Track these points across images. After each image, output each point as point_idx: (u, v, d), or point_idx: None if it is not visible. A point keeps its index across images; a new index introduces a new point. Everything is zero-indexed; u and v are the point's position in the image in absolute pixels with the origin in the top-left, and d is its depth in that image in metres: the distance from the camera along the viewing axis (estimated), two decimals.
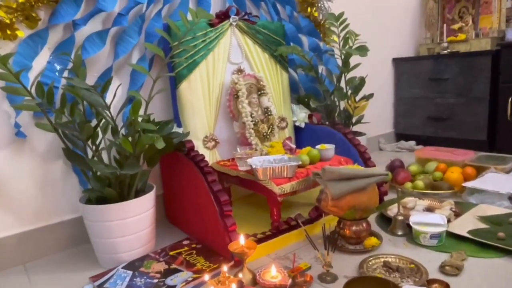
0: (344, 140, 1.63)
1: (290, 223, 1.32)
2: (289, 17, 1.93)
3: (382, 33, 2.52)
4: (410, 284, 0.99)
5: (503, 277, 1.02)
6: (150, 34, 1.48)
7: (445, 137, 2.51)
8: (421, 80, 2.57)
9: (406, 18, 2.72)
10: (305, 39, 1.99)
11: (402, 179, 1.76)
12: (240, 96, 1.54)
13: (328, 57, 2.07)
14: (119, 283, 1.08)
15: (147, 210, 1.25)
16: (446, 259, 1.10)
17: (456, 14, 2.62)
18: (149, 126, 1.12)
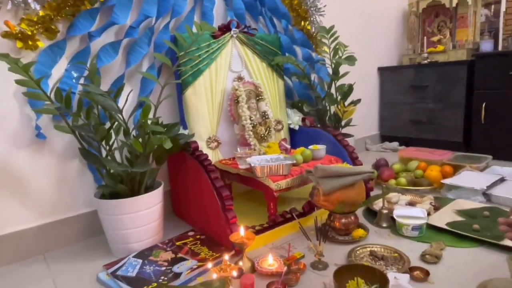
0: (334, 141, 1.63)
1: (286, 216, 1.33)
2: (285, 30, 1.93)
3: (368, 44, 2.53)
4: (394, 271, 0.99)
5: (478, 264, 1.02)
6: (159, 45, 1.48)
7: (425, 139, 2.51)
8: (404, 87, 2.57)
9: (390, 31, 2.73)
10: (299, 49, 1.99)
11: (386, 177, 1.77)
12: (240, 101, 1.54)
13: (320, 66, 2.08)
14: (130, 270, 1.08)
15: (156, 205, 1.25)
16: (426, 249, 1.10)
17: (435, 28, 2.63)
18: (157, 128, 1.12)
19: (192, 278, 1.03)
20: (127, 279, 1.03)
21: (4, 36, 1.13)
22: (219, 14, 1.71)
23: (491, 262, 1.03)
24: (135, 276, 1.05)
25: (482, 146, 2.20)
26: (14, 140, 1.21)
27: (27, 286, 1.08)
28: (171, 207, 1.61)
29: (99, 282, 1.06)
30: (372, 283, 0.88)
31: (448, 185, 1.59)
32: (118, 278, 1.03)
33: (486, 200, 1.47)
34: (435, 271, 0.99)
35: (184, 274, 1.04)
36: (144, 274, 1.06)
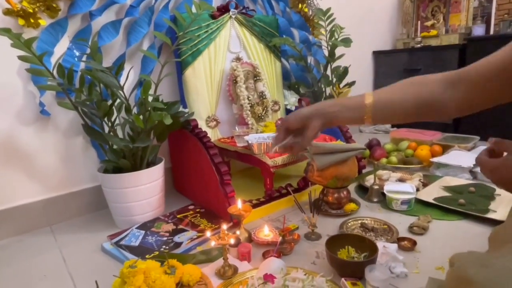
0: None
1: (281, 191, 1.33)
2: (282, 12, 1.89)
3: (363, 29, 2.49)
4: (383, 241, 1.01)
5: (461, 235, 1.04)
6: (159, 24, 1.45)
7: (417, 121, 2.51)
8: (397, 70, 2.55)
9: (385, 15, 2.68)
10: (296, 32, 1.96)
11: (378, 155, 1.77)
12: (238, 81, 1.53)
13: (316, 49, 2.05)
14: (133, 240, 1.09)
15: (157, 179, 1.25)
16: (414, 221, 1.11)
17: (429, 12, 2.59)
18: (158, 104, 1.11)
19: (192, 247, 1.05)
20: (130, 248, 1.04)
21: (5, 13, 1.11)
22: None
23: (474, 233, 1.04)
24: (138, 246, 1.06)
25: (470, 128, 2.20)
26: (19, 116, 1.20)
27: (35, 255, 1.09)
28: (173, 183, 1.62)
29: (104, 251, 1.08)
30: (362, 251, 0.90)
31: (436, 163, 1.60)
32: (121, 247, 1.05)
33: (472, 178, 1.48)
34: (422, 241, 1.00)
35: (184, 244, 1.05)
36: (147, 243, 1.07)
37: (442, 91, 0.65)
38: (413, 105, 0.66)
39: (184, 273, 0.82)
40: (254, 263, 0.93)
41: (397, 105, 0.67)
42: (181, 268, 0.83)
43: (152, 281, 0.76)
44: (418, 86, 0.67)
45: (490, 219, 1.08)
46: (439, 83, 0.65)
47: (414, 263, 0.91)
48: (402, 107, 0.67)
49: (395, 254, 0.89)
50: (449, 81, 0.65)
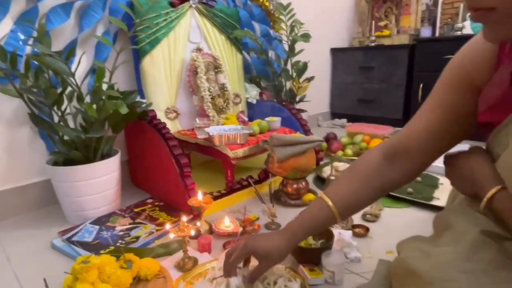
0: (289, 114, 1.65)
1: (242, 183, 1.33)
2: (243, 5, 1.88)
3: (322, 27, 2.55)
4: (339, 228, 1.04)
5: (410, 221, 1.11)
6: (114, 10, 1.36)
7: (371, 116, 2.63)
8: (353, 68, 2.65)
9: (343, 14, 2.77)
10: (257, 25, 1.96)
11: (335, 148, 1.83)
12: (199, 72, 1.50)
13: (277, 43, 2.06)
14: (86, 236, 1.03)
15: (113, 172, 1.19)
16: (367, 209, 1.16)
17: (383, 13, 2.71)
18: (113, 93, 1.05)
19: (150, 241, 1.02)
20: (84, 244, 0.98)
21: None
22: None
23: (421, 219, 1.12)
24: (92, 241, 1.00)
25: None
26: None
27: None
28: (130, 177, 1.55)
29: (54, 248, 1.01)
30: (319, 239, 0.92)
31: None
32: (74, 244, 0.99)
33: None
34: (374, 228, 1.06)
35: (142, 238, 1.01)
36: (101, 239, 1.02)
37: (387, 170, 0.66)
38: (371, 194, 0.68)
39: (141, 267, 0.79)
40: (215, 254, 0.93)
41: (358, 201, 0.68)
42: (138, 262, 0.80)
43: (107, 276, 0.73)
44: (366, 175, 0.67)
45: (434, 205, 1.17)
46: (380, 163, 0.67)
47: (367, 248, 0.95)
48: (362, 200, 0.69)
49: (349, 240, 0.93)
50: (388, 157, 0.67)
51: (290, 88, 1.97)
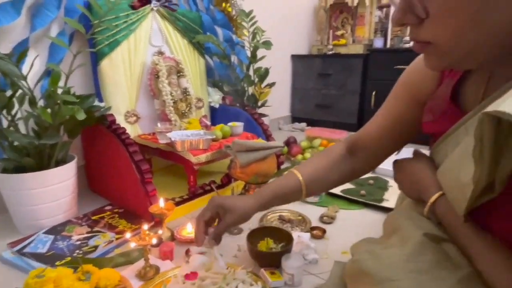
0: (251, 119, 1.68)
1: (205, 188, 1.33)
2: (206, 9, 1.87)
3: (283, 34, 2.61)
4: (298, 231, 1.09)
5: (363, 222, 1.18)
6: (70, 9, 1.30)
7: (328, 120, 2.75)
8: (312, 74, 2.75)
9: (303, 23, 2.86)
10: (219, 30, 1.96)
11: (295, 152, 1.89)
12: (160, 76, 1.47)
13: (239, 49, 2.08)
14: (40, 247, 0.98)
15: (68, 179, 1.14)
16: (324, 211, 1.22)
17: (340, 23, 2.84)
18: (69, 97, 1.01)
19: (109, 250, 0.99)
20: (37, 256, 0.93)
21: None
22: None
23: (373, 220, 1.20)
24: (46, 252, 0.95)
25: None
26: None
27: None
28: (87, 182, 1.49)
29: (3, 261, 0.94)
30: (280, 242, 0.95)
31: None
32: (25, 256, 0.93)
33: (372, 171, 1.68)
34: (330, 229, 1.11)
35: (101, 247, 0.98)
36: (57, 249, 0.97)
37: (349, 160, 0.77)
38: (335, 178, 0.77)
39: (100, 278, 0.77)
40: (177, 262, 0.92)
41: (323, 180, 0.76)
42: (97, 273, 0.78)
43: None
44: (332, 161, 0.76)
45: (385, 207, 1.25)
46: (344, 153, 0.77)
47: (324, 249, 1.00)
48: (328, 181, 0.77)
49: (308, 243, 0.97)
50: (351, 150, 0.77)
51: (252, 93, 2.01)
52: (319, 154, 0.80)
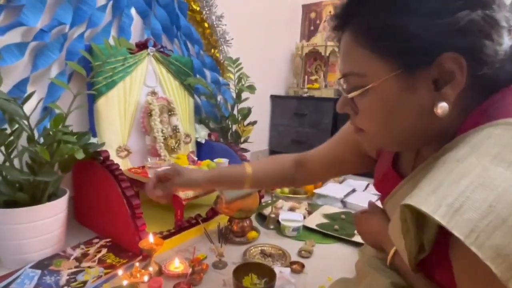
0: (235, 155, 1.71)
1: (191, 221, 1.33)
2: (197, 54, 1.95)
3: (264, 76, 2.73)
4: (279, 265, 1.10)
5: (337, 256, 1.21)
6: (71, 51, 1.32)
7: None
8: (289, 113, 2.85)
9: (281, 67, 3.00)
10: (208, 73, 2.03)
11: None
12: (153, 114, 1.50)
13: (225, 89, 2.15)
14: (27, 282, 0.93)
15: (59, 213, 1.10)
16: (302, 246, 1.25)
17: (314, 69, 3.01)
18: (69, 137, 1.00)
19: (98, 285, 0.95)
20: None
21: None
22: (136, 31, 1.63)
23: (346, 254, 1.23)
24: None
25: None
26: None
27: None
28: (74, 213, 1.44)
29: None
30: (263, 277, 0.97)
31: (317, 194, 1.82)
32: None
33: (343, 206, 1.74)
34: (308, 263, 1.13)
35: (90, 282, 0.95)
36: (44, 285, 0.92)
37: (294, 169, 0.83)
38: (278, 177, 0.84)
39: None
40: None
41: (268, 176, 0.83)
42: None
43: None
44: (281, 164, 0.84)
45: (356, 242, 1.30)
46: (292, 162, 0.84)
47: (303, 284, 1.02)
48: (271, 178, 0.84)
49: (288, 278, 0.99)
50: (298, 162, 0.84)
51: (236, 130, 2.05)
52: (271, 157, 0.88)
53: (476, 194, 0.33)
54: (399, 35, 0.42)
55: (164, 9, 1.68)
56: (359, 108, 0.49)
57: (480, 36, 0.41)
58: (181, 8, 1.76)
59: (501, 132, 0.37)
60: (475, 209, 0.33)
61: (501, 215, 0.32)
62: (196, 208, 1.52)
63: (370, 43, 0.45)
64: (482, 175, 0.34)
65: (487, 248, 0.31)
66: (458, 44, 0.41)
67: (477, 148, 0.37)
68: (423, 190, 0.38)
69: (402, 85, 0.44)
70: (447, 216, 0.33)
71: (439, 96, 0.43)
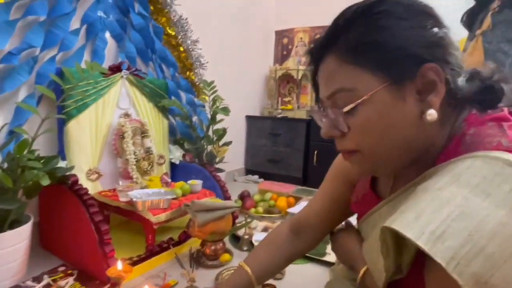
0: (209, 176, 1.69)
1: (163, 246, 1.28)
2: (172, 77, 1.94)
3: (240, 97, 2.76)
4: None
5: (309, 276, 1.20)
6: (41, 74, 1.28)
7: (278, 174, 2.84)
8: (264, 133, 2.88)
9: (256, 89, 3.05)
10: (183, 94, 2.03)
11: (249, 206, 1.91)
12: (125, 137, 1.46)
13: (200, 110, 2.15)
14: None
15: (22, 241, 1.03)
16: None
17: (287, 91, 3.08)
18: (34, 163, 0.95)
19: None
20: None
21: None
22: (110, 54, 1.61)
23: (317, 273, 1.22)
24: None
25: (314, 181, 2.62)
26: None
27: None
28: (38, 239, 1.34)
29: None
30: None
31: (290, 212, 1.81)
32: None
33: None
34: (281, 285, 1.11)
35: None
36: None
37: (294, 241, 0.77)
38: (282, 262, 0.77)
39: None
40: None
41: (271, 267, 0.76)
42: None
43: None
44: (279, 247, 0.76)
45: (327, 261, 1.30)
46: (289, 236, 0.77)
47: None
48: (275, 267, 0.77)
49: None
50: (295, 231, 0.77)
51: (211, 150, 2.04)
52: (265, 241, 0.79)
53: (457, 222, 0.35)
54: (385, 48, 0.45)
55: (139, 33, 1.68)
56: (351, 126, 0.48)
57: (448, 50, 0.46)
58: (157, 32, 1.77)
59: (481, 165, 0.39)
60: (455, 237, 0.34)
61: (480, 243, 0.33)
62: (169, 231, 1.47)
63: (359, 59, 0.46)
64: (463, 204, 0.36)
65: (467, 275, 0.32)
66: (435, 55, 0.45)
67: (458, 178, 0.39)
68: (406, 216, 0.39)
69: (392, 95, 0.45)
70: (429, 243, 0.34)
71: (426, 105, 0.45)
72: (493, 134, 0.43)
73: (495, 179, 0.37)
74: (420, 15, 0.46)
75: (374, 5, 0.46)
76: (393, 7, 0.46)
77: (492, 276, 0.32)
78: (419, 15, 0.46)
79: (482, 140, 0.43)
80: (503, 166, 0.38)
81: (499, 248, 0.33)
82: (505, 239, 0.33)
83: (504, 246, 0.33)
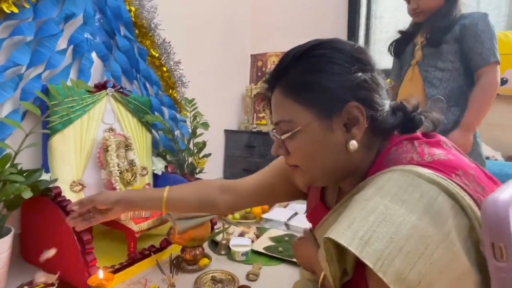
0: None
1: (144, 253, 1.23)
2: (156, 94, 1.92)
3: (219, 113, 2.77)
4: None
5: (282, 277, 1.19)
6: (27, 91, 1.22)
7: None
8: (240, 145, 2.89)
9: (234, 106, 3.08)
10: (166, 110, 2.00)
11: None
12: (110, 150, 1.41)
13: (182, 125, 2.13)
14: None
15: (2, 253, 0.96)
16: (250, 269, 1.21)
17: (261, 108, 3.12)
18: (16, 177, 0.90)
19: None
20: None
21: None
22: (96, 72, 1.56)
23: (290, 274, 1.21)
24: None
25: None
26: None
27: None
28: (20, 251, 1.25)
29: None
30: None
31: (265, 218, 1.82)
32: None
33: (287, 229, 1.75)
34: (255, 286, 1.10)
35: None
36: None
37: (217, 194, 0.77)
38: (196, 202, 0.77)
39: None
40: None
41: (185, 201, 0.77)
42: None
43: None
44: (202, 189, 0.78)
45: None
46: (215, 188, 0.78)
47: None
48: (188, 203, 0.77)
49: None
50: (223, 188, 0.77)
51: (192, 162, 2.01)
52: (195, 182, 0.83)
53: (381, 228, 0.38)
54: (316, 88, 0.50)
55: (124, 54, 1.66)
56: (290, 149, 0.54)
57: (371, 90, 0.50)
58: (141, 54, 1.75)
59: (397, 177, 0.43)
60: (380, 241, 0.37)
61: (399, 244, 0.36)
62: (151, 238, 1.42)
63: (296, 96, 0.52)
64: (384, 212, 0.39)
65: (390, 273, 0.35)
66: (358, 96, 0.49)
67: (380, 189, 0.43)
68: (341, 225, 0.41)
69: (322, 127, 0.50)
70: (359, 247, 0.37)
71: (350, 136, 0.50)
72: (407, 151, 0.48)
73: (408, 189, 0.40)
74: (348, 60, 0.50)
75: (312, 49, 0.51)
76: (327, 52, 0.50)
77: (410, 272, 0.35)
78: (348, 60, 0.50)
79: (399, 156, 0.48)
80: (414, 177, 0.41)
81: (414, 247, 0.36)
82: (418, 239, 0.36)
83: (417, 245, 0.36)
